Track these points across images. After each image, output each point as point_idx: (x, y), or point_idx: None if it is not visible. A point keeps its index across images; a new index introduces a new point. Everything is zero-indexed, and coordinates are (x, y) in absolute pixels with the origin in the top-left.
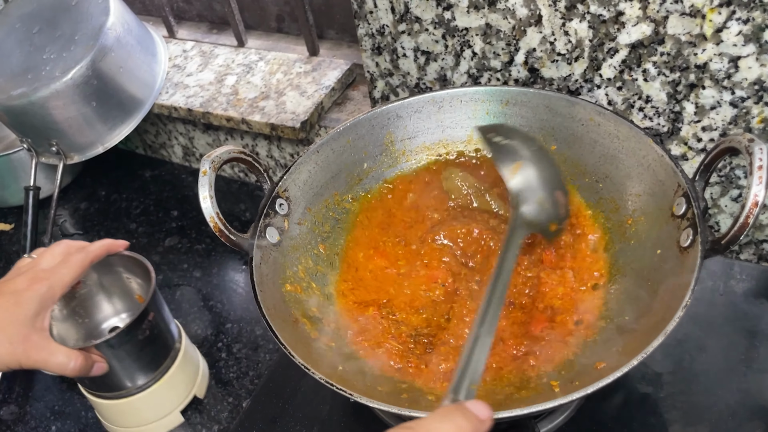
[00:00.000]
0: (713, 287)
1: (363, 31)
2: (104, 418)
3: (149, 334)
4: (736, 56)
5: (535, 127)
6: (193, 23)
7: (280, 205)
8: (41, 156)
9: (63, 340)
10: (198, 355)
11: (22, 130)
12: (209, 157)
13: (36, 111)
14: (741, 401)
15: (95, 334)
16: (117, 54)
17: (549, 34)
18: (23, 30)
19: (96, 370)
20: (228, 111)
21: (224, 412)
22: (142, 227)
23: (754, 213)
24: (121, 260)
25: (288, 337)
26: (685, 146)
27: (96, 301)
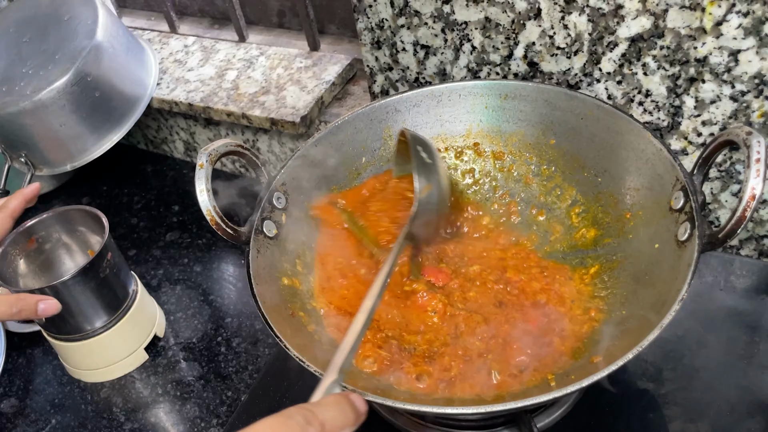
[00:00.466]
0: (714, 283)
1: (362, 25)
2: (69, 363)
3: (109, 272)
4: (736, 50)
5: (534, 121)
6: (194, 18)
7: (277, 198)
8: (14, 162)
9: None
10: (153, 299)
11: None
12: (206, 150)
13: (4, 124)
14: (741, 397)
15: None
16: (95, 77)
17: (548, 28)
18: (15, 36)
19: (44, 310)
20: (228, 106)
21: (223, 406)
22: (143, 222)
23: (751, 206)
24: (80, 217)
25: (284, 329)
26: (685, 141)
27: (59, 258)
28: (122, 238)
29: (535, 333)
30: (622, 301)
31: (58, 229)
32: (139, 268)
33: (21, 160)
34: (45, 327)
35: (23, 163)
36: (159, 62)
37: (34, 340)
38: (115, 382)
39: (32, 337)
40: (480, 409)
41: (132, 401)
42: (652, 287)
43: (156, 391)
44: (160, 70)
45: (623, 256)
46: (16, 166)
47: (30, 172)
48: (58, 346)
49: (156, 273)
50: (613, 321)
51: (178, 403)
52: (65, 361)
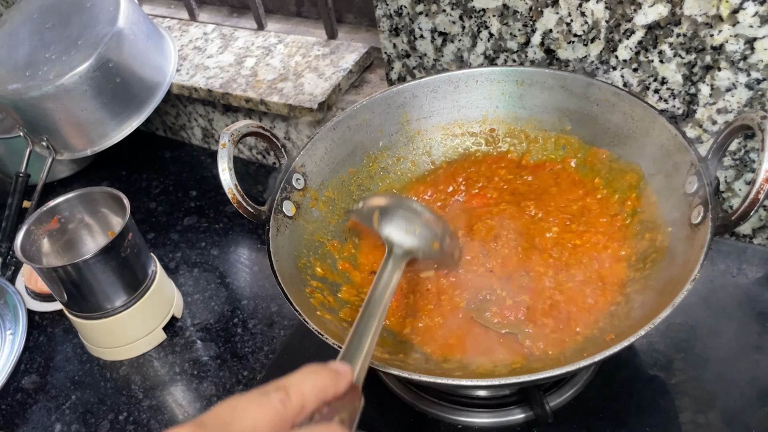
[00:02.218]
0: (726, 270)
1: (381, 12)
2: (89, 341)
3: (129, 253)
4: (752, 38)
5: (550, 107)
6: (214, 7)
7: (296, 179)
8: (35, 146)
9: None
10: (171, 281)
11: (17, 119)
12: (228, 130)
13: (27, 108)
14: (752, 387)
15: None
16: (116, 63)
17: (566, 15)
18: (39, 22)
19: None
20: (247, 92)
21: (239, 385)
22: (161, 207)
23: (765, 189)
24: (102, 198)
25: (302, 305)
26: (700, 129)
27: (81, 239)
28: (141, 222)
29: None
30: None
31: (81, 210)
32: (158, 251)
33: (42, 144)
34: (67, 305)
35: (44, 147)
36: (179, 49)
37: (55, 319)
38: (134, 360)
39: (53, 315)
40: (485, 382)
41: (150, 379)
42: (665, 270)
43: (173, 369)
44: (180, 57)
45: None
46: (38, 150)
47: (51, 156)
48: (78, 324)
49: (174, 256)
50: (627, 302)
51: (195, 381)
52: (85, 339)
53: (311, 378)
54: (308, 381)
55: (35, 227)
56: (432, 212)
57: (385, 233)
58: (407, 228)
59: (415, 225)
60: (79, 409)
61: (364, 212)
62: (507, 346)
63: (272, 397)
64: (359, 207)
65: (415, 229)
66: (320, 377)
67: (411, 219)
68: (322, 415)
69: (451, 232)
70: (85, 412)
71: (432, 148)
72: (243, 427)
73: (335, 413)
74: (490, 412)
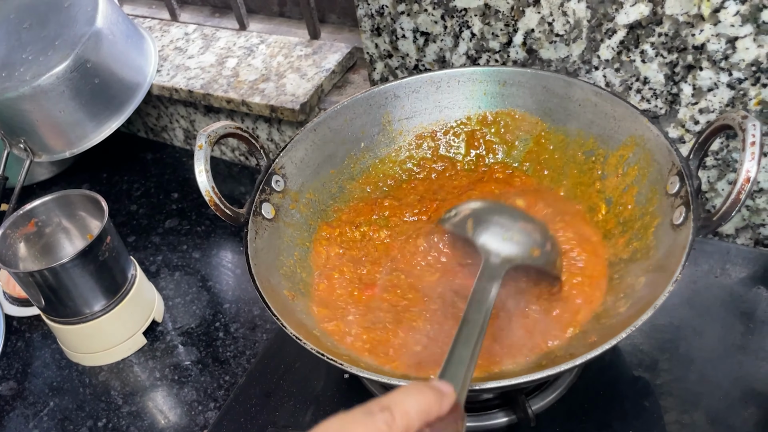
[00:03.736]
0: (710, 270)
1: (362, 12)
2: (68, 346)
3: (108, 256)
4: (734, 37)
5: (532, 108)
6: (195, 7)
7: (276, 181)
8: (13, 148)
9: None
10: (151, 285)
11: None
12: (205, 132)
13: (4, 110)
14: (736, 387)
15: None
16: (95, 64)
17: (547, 15)
18: (16, 22)
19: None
20: (228, 93)
21: (220, 390)
22: (142, 209)
23: (745, 189)
24: (80, 201)
25: (281, 309)
26: (683, 129)
27: (59, 243)
28: (122, 225)
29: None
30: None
31: (58, 213)
32: (138, 254)
33: (20, 146)
34: (44, 310)
35: (22, 150)
36: (159, 50)
37: (33, 324)
38: (114, 365)
39: (31, 321)
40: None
41: (130, 385)
42: (648, 272)
43: (154, 375)
44: (161, 58)
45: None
46: (15, 152)
47: (29, 158)
48: (56, 330)
49: (155, 259)
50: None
51: (176, 386)
52: (64, 345)
53: (415, 398)
54: (412, 401)
55: (11, 231)
56: (530, 217)
57: (481, 241)
58: (504, 235)
59: (512, 231)
60: (57, 415)
61: (456, 221)
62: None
63: (378, 418)
64: (451, 215)
65: (513, 236)
66: (424, 397)
67: (508, 225)
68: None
69: (552, 238)
70: (63, 419)
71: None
72: None
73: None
74: (474, 416)
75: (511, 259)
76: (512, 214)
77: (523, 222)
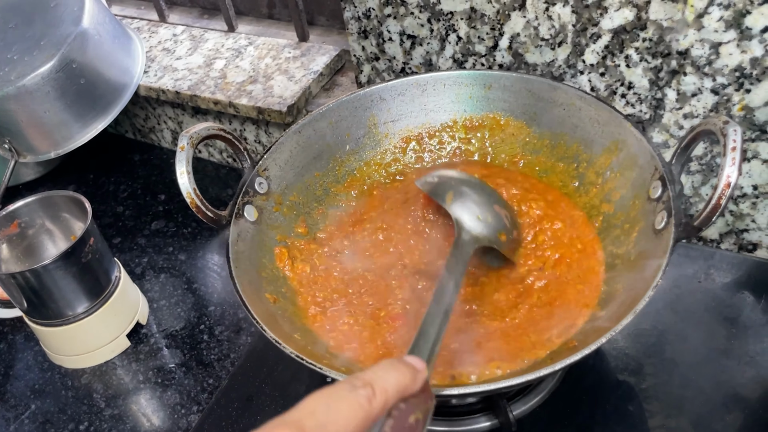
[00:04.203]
0: (694, 275)
1: (349, 14)
2: (50, 349)
3: (91, 258)
4: (717, 42)
5: (518, 112)
6: (184, 8)
7: (259, 184)
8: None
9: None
10: (136, 287)
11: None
12: (187, 133)
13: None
14: (719, 392)
15: None
16: (81, 64)
17: (533, 19)
18: (1, 22)
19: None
20: (216, 94)
21: (204, 393)
22: (129, 210)
23: (726, 194)
24: (63, 203)
25: (263, 313)
26: (667, 134)
27: (42, 244)
28: (108, 227)
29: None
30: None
31: (42, 215)
32: (124, 255)
33: (5, 147)
34: (27, 312)
35: (7, 150)
36: (147, 51)
37: (16, 326)
38: (96, 368)
39: (14, 322)
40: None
41: (113, 388)
42: (629, 277)
43: (137, 377)
44: (148, 59)
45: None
46: (0, 152)
47: (14, 158)
48: (39, 332)
49: (140, 261)
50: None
51: (159, 389)
52: (46, 347)
53: (393, 374)
54: (391, 377)
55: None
56: (505, 202)
57: (456, 214)
58: (479, 214)
59: (487, 213)
60: (38, 418)
61: (438, 188)
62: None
63: (360, 393)
64: (433, 180)
65: (487, 217)
66: (401, 374)
67: (485, 206)
68: (400, 411)
69: (519, 225)
70: (44, 422)
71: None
72: (337, 428)
73: (411, 412)
74: (455, 420)
75: (480, 239)
76: (490, 195)
77: (498, 206)
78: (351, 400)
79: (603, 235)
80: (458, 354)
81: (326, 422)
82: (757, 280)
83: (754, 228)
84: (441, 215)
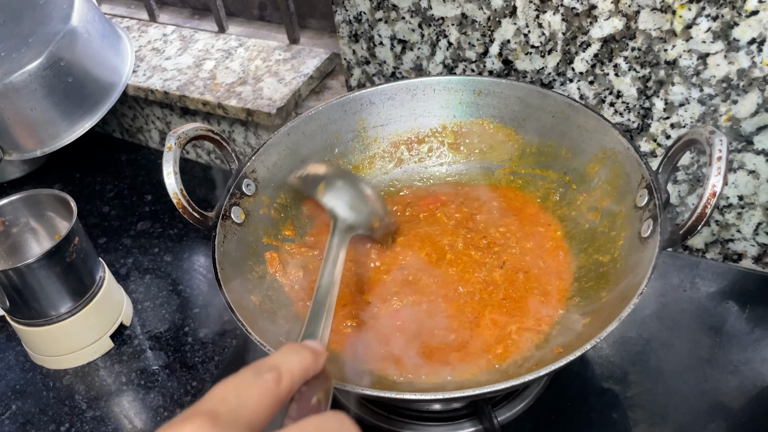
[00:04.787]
0: (679, 284)
1: (340, 18)
2: (32, 349)
3: (75, 258)
4: (705, 53)
5: (507, 118)
6: (175, 8)
7: (247, 185)
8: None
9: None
10: (120, 287)
11: None
12: (175, 133)
13: None
14: (703, 401)
15: None
16: (69, 62)
17: (523, 26)
18: None
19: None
20: (205, 95)
21: (187, 396)
22: (115, 210)
23: (711, 203)
24: (48, 201)
25: (247, 315)
26: (654, 143)
27: (26, 243)
28: (93, 227)
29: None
30: (587, 297)
31: (26, 213)
32: (109, 256)
33: None
34: (9, 311)
35: None
36: (136, 50)
37: None
38: (79, 369)
39: None
40: (415, 396)
41: (95, 389)
42: (616, 283)
43: (120, 379)
44: (138, 58)
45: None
46: None
47: None
48: (21, 332)
49: (125, 261)
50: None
51: (142, 391)
52: (28, 347)
53: (297, 357)
54: (295, 360)
55: None
56: (373, 190)
57: (330, 205)
58: (351, 203)
59: (359, 201)
60: (19, 419)
61: (308, 181)
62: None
63: (267, 377)
64: (303, 175)
65: (359, 206)
66: (303, 357)
67: (355, 194)
68: (302, 393)
69: (388, 212)
70: (25, 423)
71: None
72: (249, 413)
73: (313, 393)
74: (441, 426)
75: (355, 227)
76: (359, 184)
77: (368, 193)
78: (259, 384)
79: (588, 242)
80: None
81: (238, 407)
82: (741, 289)
83: (739, 238)
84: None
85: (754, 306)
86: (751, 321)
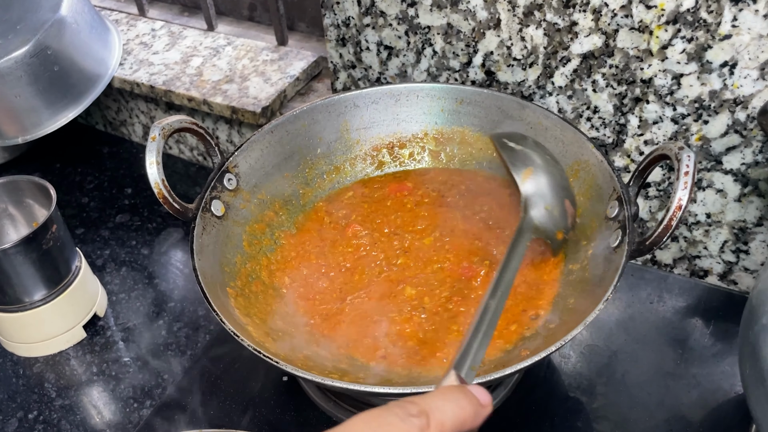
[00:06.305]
0: (647, 298)
1: (329, 21)
2: (3, 335)
3: (52, 245)
4: (679, 73)
5: (487, 127)
6: (164, 4)
7: (228, 179)
8: None
9: None
10: (96, 278)
11: None
12: (159, 124)
13: None
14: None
15: None
16: (56, 51)
17: (506, 39)
18: None
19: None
20: (190, 91)
21: (158, 388)
22: (94, 202)
23: (677, 216)
24: (27, 188)
25: (222, 307)
26: (628, 158)
27: (3, 229)
28: (71, 217)
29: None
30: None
31: (5, 199)
32: (86, 247)
33: None
34: None
35: None
36: (124, 43)
37: None
38: (50, 357)
39: None
40: (385, 390)
41: (65, 378)
42: (584, 292)
43: (91, 369)
44: (125, 51)
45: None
46: None
47: None
48: None
49: (102, 253)
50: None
51: (113, 382)
52: (1, 335)
53: (453, 406)
54: (450, 410)
55: None
56: (575, 200)
57: (528, 194)
58: (549, 204)
59: (556, 206)
60: None
61: (518, 157)
62: None
63: (413, 422)
64: (518, 148)
65: (554, 210)
66: (462, 410)
67: (558, 197)
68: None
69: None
70: None
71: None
72: None
73: None
74: None
75: (539, 231)
76: (565, 189)
77: (569, 202)
78: (401, 429)
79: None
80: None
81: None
82: (706, 305)
83: (706, 255)
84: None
85: (718, 321)
86: (714, 336)
